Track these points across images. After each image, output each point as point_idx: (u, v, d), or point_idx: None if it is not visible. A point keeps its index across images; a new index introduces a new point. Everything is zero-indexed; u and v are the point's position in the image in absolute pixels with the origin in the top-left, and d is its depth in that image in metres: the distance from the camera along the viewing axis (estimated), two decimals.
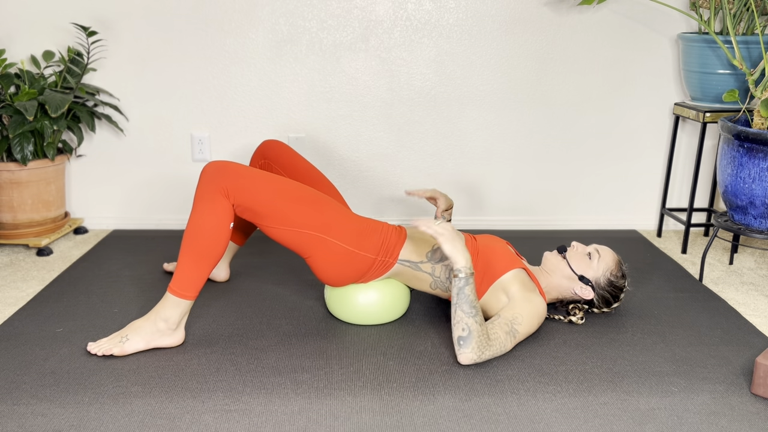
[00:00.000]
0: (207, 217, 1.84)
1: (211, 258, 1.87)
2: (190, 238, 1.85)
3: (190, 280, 1.86)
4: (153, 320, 1.89)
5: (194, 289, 1.88)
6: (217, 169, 1.87)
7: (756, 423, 1.63)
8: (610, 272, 2.09)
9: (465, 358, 1.82)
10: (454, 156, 2.98)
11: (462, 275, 1.83)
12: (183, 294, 1.87)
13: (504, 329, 1.87)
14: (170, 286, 1.88)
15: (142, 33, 2.80)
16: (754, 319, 2.20)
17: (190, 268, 1.86)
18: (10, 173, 2.61)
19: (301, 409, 1.66)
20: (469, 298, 1.82)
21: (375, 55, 2.86)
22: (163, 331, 1.90)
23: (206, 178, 1.86)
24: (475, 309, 1.82)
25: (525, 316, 1.92)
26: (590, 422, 1.62)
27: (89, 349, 1.89)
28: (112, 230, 2.98)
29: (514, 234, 2.98)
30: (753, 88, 2.44)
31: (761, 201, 2.32)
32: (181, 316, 1.90)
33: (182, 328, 1.93)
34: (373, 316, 2.09)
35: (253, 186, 1.86)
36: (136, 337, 1.88)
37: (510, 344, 1.88)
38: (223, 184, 1.84)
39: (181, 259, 1.86)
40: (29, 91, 2.55)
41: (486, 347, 1.82)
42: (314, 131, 2.94)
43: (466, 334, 1.81)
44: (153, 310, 1.91)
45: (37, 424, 1.59)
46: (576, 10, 2.84)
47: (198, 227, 1.84)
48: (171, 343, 1.93)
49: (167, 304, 1.89)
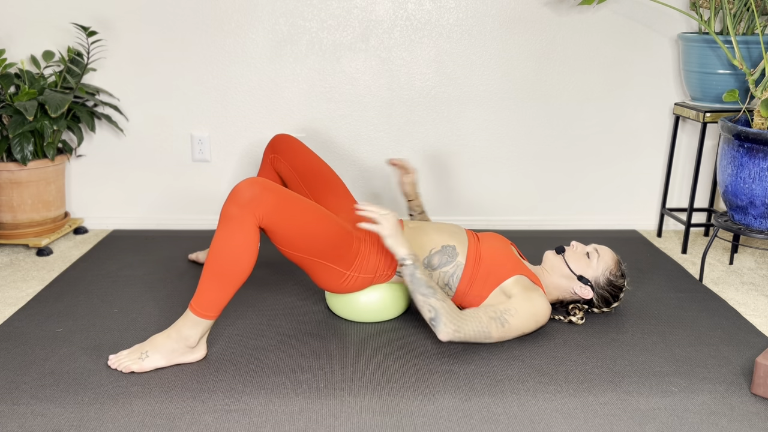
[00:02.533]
0: (237, 240, 1.75)
1: (237, 281, 1.79)
2: (216, 258, 1.76)
3: (212, 301, 1.79)
4: (174, 338, 1.82)
5: (216, 309, 1.81)
6: (254, 191, 1.77)
7: (756, 423, 1.63)
8: (610, 272, 2.09)
9: (443, 335, 1.83)
10: (454, 156, 2.98)
11: (408, 262, 1.86)
12: (204, 314, 1.80)
13: (489, 314, 1.89)
14: (192, 304, 1.80)
15: (142, 33, 2.80)
16: (754, 319, 2.20)
17: (213, 289, 1.78)
18: (10, 173, 2.61)
19: (301, 409, 1.66)
20: (422, 281, 1.85)
21: (375, 55, 2.86)
22: (184, 350, 1.83)
23: (240, 199, 1.76)
24: (431, 289, 1.84)
25: (520, 311, 1.92)
26: (590, 422, 1.62)
27: (110, 364, 1.83)
28: (112, 230, 2.98)
29: (514, 234, 2.98)
30: (753, 88, 2.44)
31: (761, 201, 2.32)
32: (201, 334, 1.83)
33: (204, 343, 1.87)
34: (374, 313, 2.09)
35: (287, 215, 1.80)
36: (156, 355, 1.82)
37: (495, 330, 1.88)
38: (259, 209, 1.76)
39: (205, 278, 1.78)
40: (29, 91, 2.55)
41: (460, 321, 1.83)
42: (314, 131, 2.94)
43: (433, 314, 1.83)
44: (174, 326, 1.83)
45: (37, 424, 1.59)
46: (576, 10, 2.84)
47: (226, 250, 1.76)
48: (192, 360, 1.86)
49: (188, 322, 1.81)
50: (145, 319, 2.12)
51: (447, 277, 2.02)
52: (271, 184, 1.81)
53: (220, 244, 1.76)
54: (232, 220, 1.76)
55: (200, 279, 1.80)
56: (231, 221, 1.76)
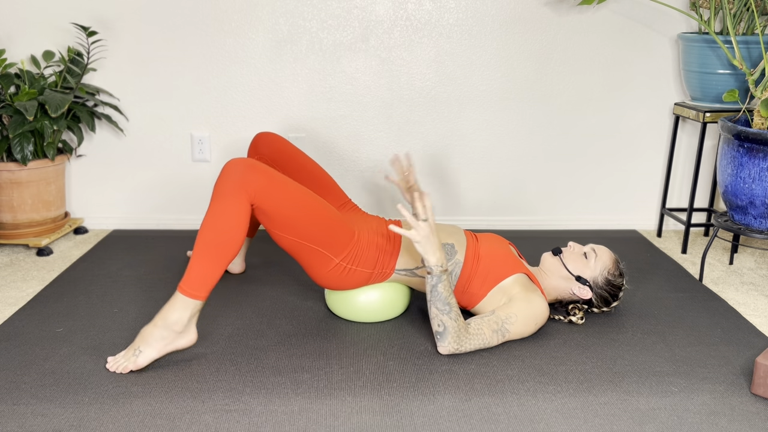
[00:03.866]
0: (228, 214, 1.77)
1: (227, 257, 1.79)
2: (207, 234, 1.77)
3: (202, 279, 1.78)
4: (161, 326, 1.80)
5: (206, 289, 1.80)
6: (247, 167, 1.79)
7: (756, 423, 1.63)
8: (608, 271, 2.09)
9: (443, 350, 1.87)
10: (454, 156, 2.98)
11: (434, 273, 1.85)
12: (194, 294, 1.79)
13: (492, 327, 1.90)
14: (180, 285, 1.80)
15: (142, 33, 2.80)
16: (754, 319, 2.20)
17: (203, 266, 1.78)
18: (10, 173, 2.61)
19: (301, 409, 1.66)
20: (442, 296, 1.84)
21: (375, 55, 2.86)
22: (173, 336, 1.81)
23: (233, 175, 1.78)
24: (449, 306, 1.85)
25: (520, 317, 1.92)
26: (590, 422, 1.62)
27: (108, 367, 1.82)
28: (112, 230, 2.98)
29: (514, 234, 2.98)
30: (753, 88, 2.44)
31: (761, 201, 2.32)
32: (190, 317, 1.81)
33: (193, 327, 1.84)
34: (374, 313, 2.09)
35: (279, 193, 1.82)
36: (148, 348, 1.80)
37: (495, 341, 1.91)
38: (252, 186, 1.78)
39: (195, 256, 1.78)
40: (29, 91, 2.55)
41: (465, 339, 1.86)
42: (314, 131, 2.94)
43: (442, 329, 1.86)
44: (161, 312, 1.80)
45: (37, 424, 1.59)
46: (576, 10, 2.84)
47: (217, 224, 1.77)
48: (184, 345, 1.84)
49: (177, 305, 1.80)
50: (146, 319, 2.12)
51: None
52: (262, 164, 1.84)
53: (213, 218, 1.77)
54: (225, 195, 1.78)
55: (191, 258, 1.80)
56: (223, 197, 1.78)
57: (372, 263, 2.02)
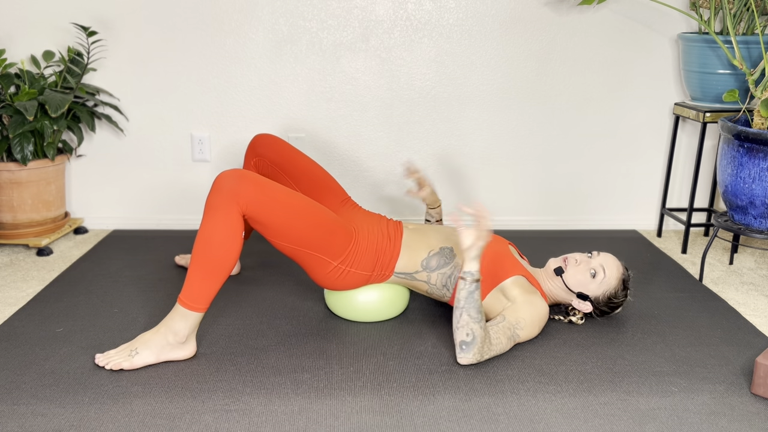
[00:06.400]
0: (221, 228, 1.77)
1: (224, 270, 1.79)
2: (201, 249, 1.78)
3: (200, 292, 1.79)
4: (163, 333, 1.82)
5: (205, 301, 1.81)
6: (237, 179, 1.79)
7: (756, 423, 1.63)
8: (613, 292, 2.06)
9: (465, 361, 1.83)
10: (454, 156, 2.98)
11: (469, 279, 1.83)
12: (193, 306, 1.80)
13: (507, 334, 1.88)
14: (180, 298, 1.81)
15: (142, 33, 2.80)
16: (754, 319, 2.20)
17: (201, 279, 1.78)
18: (10, 173, 2.61)
19: (301, 409, 1.66)
20: (477, 303, 1.81)
21: (375, 55, 2.86)
22: (173, 345, 1.83)
23: (223, 188, 1.78)
24: (480, 314, 1.82)
25: (528, 321, 1.92)
26: (590, 422, 1.62)
27: (97, 362, 1.83)
28: (112, 230, 2.98)
29: (515, 234, 2.98)
30: (753, 88, 2.44)
31: (761, 201, 2.32)
32: (191, 328, 1.83)
33: (193, 340, 1.87)
34: (373, 313, 2.09)
35: (270, 203, 1.81)
36: (146, 351, 1.82)
37: (509, 347, 1.90)
38: (242, 198, 1.77)
39: (192, 270, 1.79)
40: (29, 91, 2.55)
41: (486, 350, 1.83)
42: (314, 131, 2.94)
43: (470, 339, 1.81)
44: (162, 322, 1.84)
45: (37, 424, 1.59)
46: (576, 10, 2.84)
47: (211, 239, 1.77)
48: (182, 356, 1.86)
49: (176, 316, 1.81)
50: (145, 319, 2.12)
51: (444, 278, 2.02)
52: (253, 174, 1.83)
53: (206, 234, 1.78)
54: (217, 209, 1.77)
55: (188, 271, 1.81)
56: (215, 211, 1.78)
57: (371, 266, 2.01)
